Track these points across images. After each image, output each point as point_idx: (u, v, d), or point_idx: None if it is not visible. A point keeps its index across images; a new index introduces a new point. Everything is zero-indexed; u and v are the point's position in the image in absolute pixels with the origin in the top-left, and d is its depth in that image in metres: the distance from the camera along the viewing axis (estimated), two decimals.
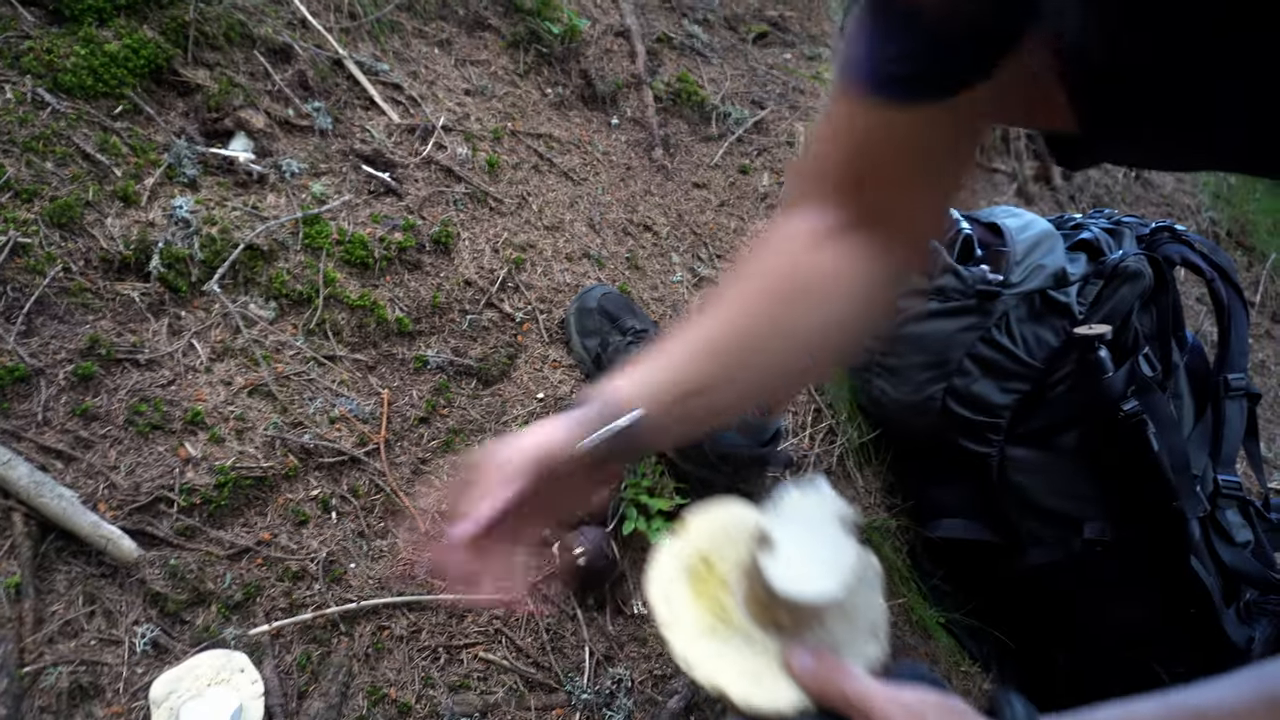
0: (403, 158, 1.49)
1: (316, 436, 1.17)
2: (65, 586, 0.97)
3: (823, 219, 0.78)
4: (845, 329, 0.81)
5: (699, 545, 0.68)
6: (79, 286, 1.12)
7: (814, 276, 0.77)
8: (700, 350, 0.77)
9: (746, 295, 0.79)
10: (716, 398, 0.77)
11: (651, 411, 0.73)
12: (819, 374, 0.84)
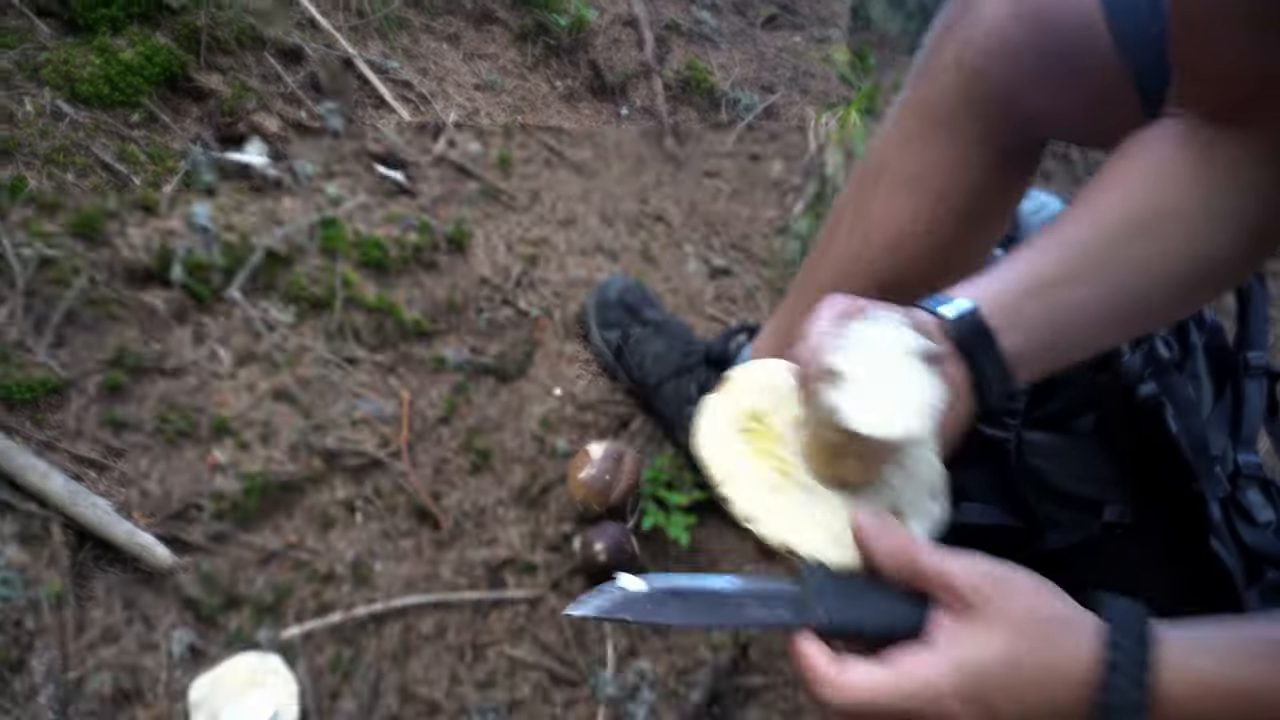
0: (415, 156, 1.50)
1: (339, 439, 1.19)
2: (104, 593, 0.99)
3: (1185, 121, 0.75)
4: (1215, 270, 0.77)
5: (748, 402, 0.64)
6: (105, 297, 1.14)
7: (1180, 206, 0.73)
8: (1059, 243, 0.73)
9: (1109, 199, 0.75)
10: (1083, 295, 0.72)
11: (992, 307, 0.69)
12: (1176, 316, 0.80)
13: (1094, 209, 0.77)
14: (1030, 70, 0.93)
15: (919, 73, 1.02)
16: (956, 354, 0.70)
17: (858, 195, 1.09)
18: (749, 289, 1.67)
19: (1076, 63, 0.91)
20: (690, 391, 1.32)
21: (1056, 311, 0.73)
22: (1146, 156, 0.78)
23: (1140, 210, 0.75)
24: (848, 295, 0.67)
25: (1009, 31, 0.93)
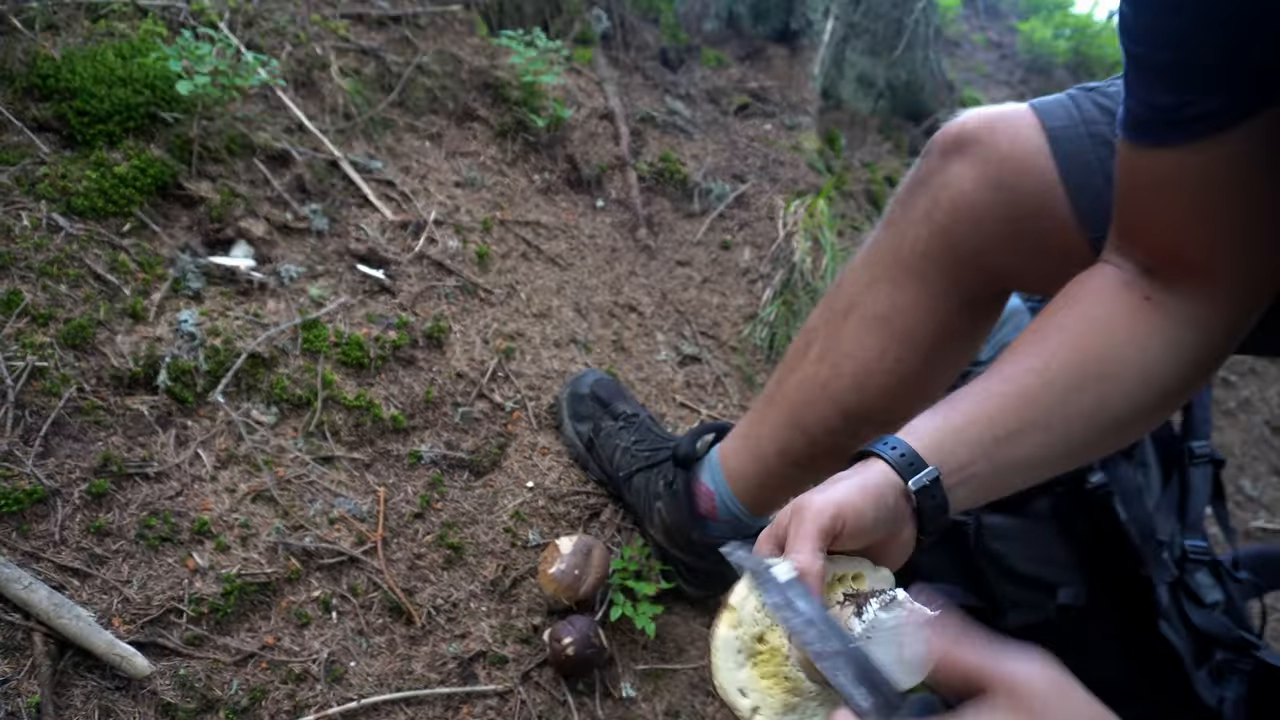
0: (396, 254, 1.56)
1: (317, 538, 1.24)
2: (81, 701, 1.03)
3: (1122, 270, 0.84)
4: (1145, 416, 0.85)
5: (749, 626, 0.70)
6: (92, 405, 1.19)
7: (1126, 353, 0.81)
8: (1006, 396, 0.81)
9: (1054, 350, 0.82)
10: (1031, 445, 0.80)
11: (949, 464, 0.77)
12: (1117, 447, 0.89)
13: (1043, 356, 0.84)
14: (993, 233, 1.01)
15: (890, 219, 1.10)
16: (911, 515, 0.79)
17: (828, 324, 1.16)
18: (718, 375, 1.73)
19: (1035, 227, 0.99)
20: (658, 486, 1.37)
21: (1000, 466, 0.82)
22: (1089, 304, 0.85)
23: (1084, 361, 0.83)
24: (828, 514, 0.72)
25: (974, 197, 1.00)
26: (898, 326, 1.09)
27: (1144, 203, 0.82)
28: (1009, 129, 1.01)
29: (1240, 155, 0.73)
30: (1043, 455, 0.83)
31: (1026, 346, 0.86)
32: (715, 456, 1.33)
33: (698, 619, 1.45)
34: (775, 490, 1.27)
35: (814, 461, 1.21)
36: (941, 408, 0.84)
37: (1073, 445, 0.85)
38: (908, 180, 1.10)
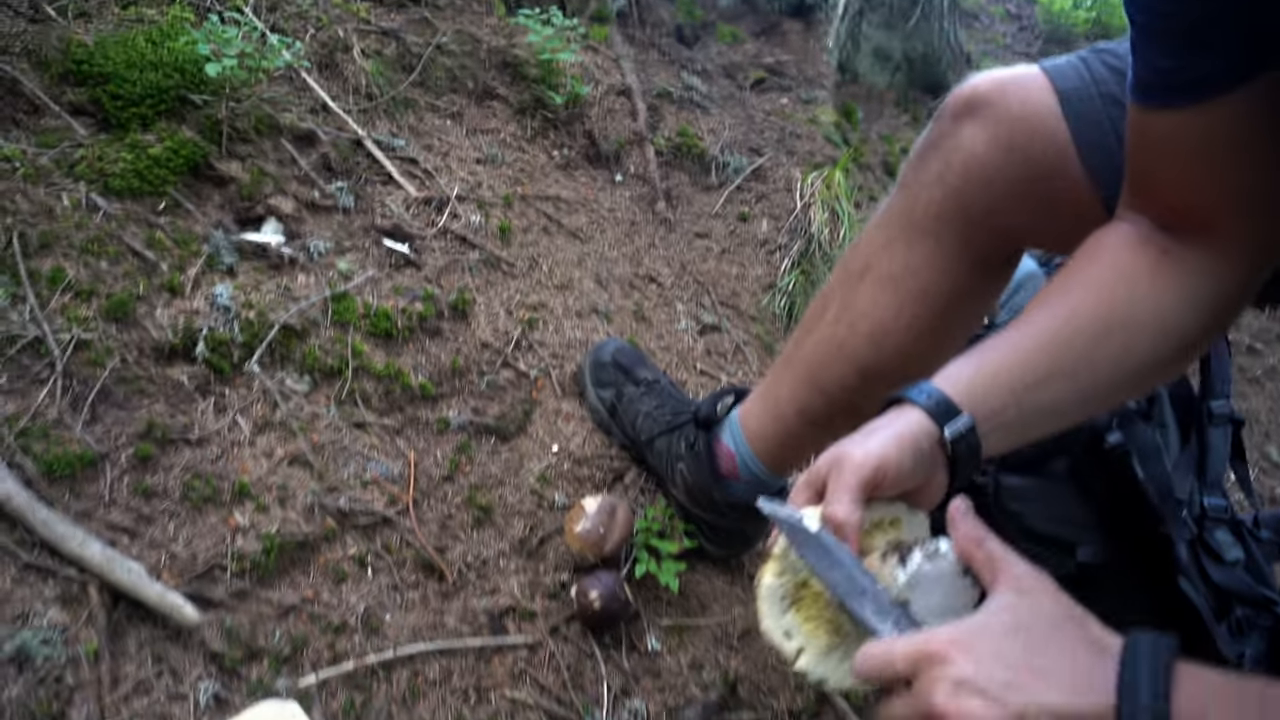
0: (420, 229, 1.61)
1: (351, 500, 1.28)
2: (136, 649, 1.09)
3: (1138, 226, 0.87)
4: (1163, 366, 0.88)
5: (792, 574, 0.74)
6: (134, 374, 1.25)
7: (1145, 305, 0.84)
8: (1037, 344, 0.84)
9: (1080, 300, 0.85)
10: (1061, 390, 0.83)
11: (982, 411, 0.80)
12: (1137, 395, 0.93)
13: (1070, 304, 0.87)
14: (1006, 193, 1.03)
15: (904, 182, 1.12)
16: (945, 463, 0.82)
17: (844, 285, 1.18)
18: (738, 344, 1.76)
19: (1048, 185, 1.01)
20: (680, 448, 1.40)
21: (1029, 414, 0.85)
22: (1109, 259, 0.88)
23: (1110, 310, 0.85)
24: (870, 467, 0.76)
25: (986, 158, 1.02)
26: (912, 286, 1.12)
27: (1153, 162, 0.84)
28: (1020, 91, 1.03)
29: (1242, 117, 0.75)
30: (1068, 402, 0.86)
31: (1052, 298, 0.88)
32: (735, 418, 1.36)
33: (720, 577, 1.48)
34: (794, 449, 1.31)
35: (832, 420, 1.24)
36: (973, 355, 0.87)
37: (1098, 392, 0.87)
38: (920, 144, 1.12)
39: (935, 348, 1.14)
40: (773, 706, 1.42)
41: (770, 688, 1.43)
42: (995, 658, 0.61)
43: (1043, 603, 0.64)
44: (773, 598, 0.75)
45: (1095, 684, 0.59)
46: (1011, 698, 0.59)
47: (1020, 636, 0.62)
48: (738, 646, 1.43)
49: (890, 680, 0.65)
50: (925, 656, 0.62)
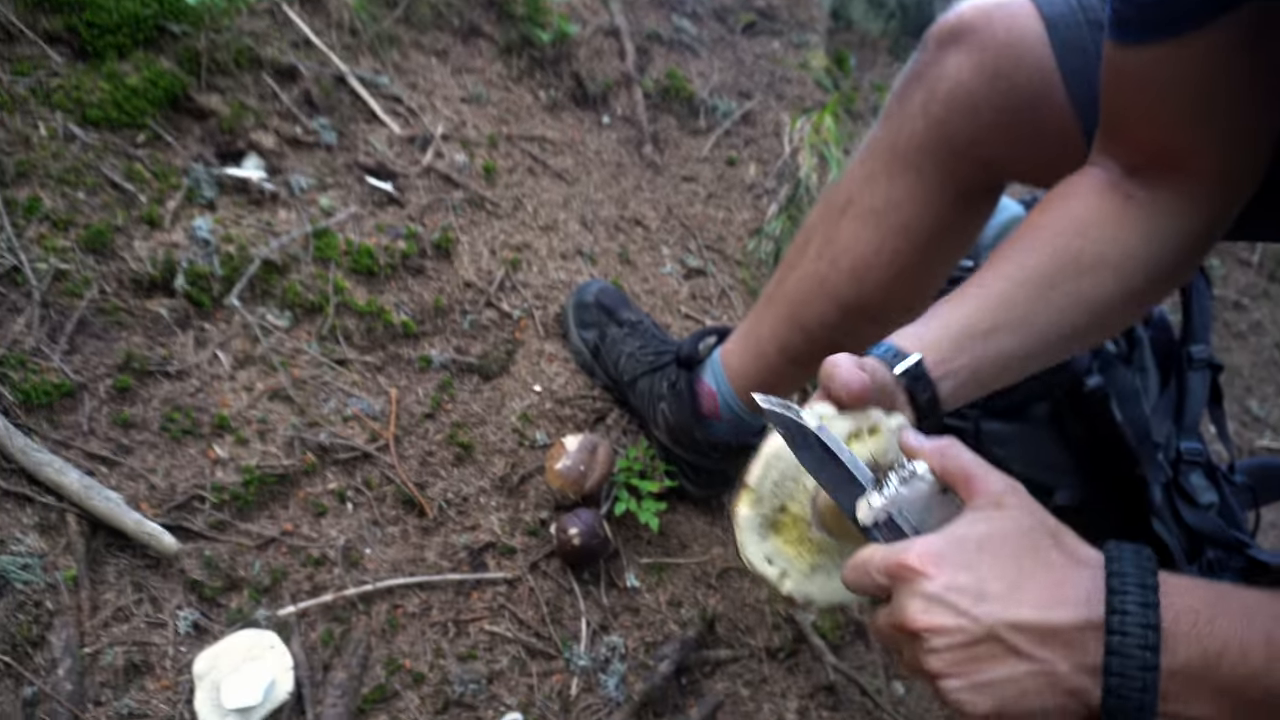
0: (404, 168, 1.59)
1: (331, 435, 1.29)
2: (115, 577, 1.10)
3: (1108, 171, 0.86)
4: (1132, 301, 0.88)
5: (769, 500, 0.74)
6: (113, 306, 1.24)
7: (1104, 249, 0.83)
8: (988, 295, 0.84)
9: (1034, 249, 0.85)
10: (1009, 341, 0.83)
11: (931, 357, 0.81)
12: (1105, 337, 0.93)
13: (1018, 259, 0.86)
14: (989, 123, 1.02)
15: (887, 114, 1.11)
16: (906, 401, 0.82)
17: (825, 221, 1.18)
18: (723, 289, 1.76)
19: (1032, 116, 1.00)
20: (661, 388, 1.41)
21: (981, 361, 0.84)
22: (1069, 206, 0.87)
23: (1059, 261, 0.85)
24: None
25: (970, 87, 1.01)
26: (894, 220, 1.11)
27: (1129, 100, 0.84)
28: (1006, 17, 1.02)
29: (1220, 50, 0.74)
30: (1024, 350, 0.85)
31: (1005, 252, 0.88)
32: (717, 357, 1.37)
33: (700, 517, 1.50)
34: (775, 388, 1.30)
35: (813, 358, 1.24)
36: (929, 314, 0.87)
37: (1050, 336, 0.86)
38: (904, 74, 1.11)
39: (916, 283, 1.14)
40: (750, 644, 1.44)
41: (748, 626, 1.45)
42: (968, 570, 0.60)
43: (1018, 516, 0.63)
44: (751, 527, 0.74)
45: (1070, 596, 0.59)
46: (983, 612, 0.59)
47: (994, 548, 0.61)
48: (716, 585, 1.45)
49: (873, 591, 0.65)
50: (899, 568, 0.62)
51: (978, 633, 0.59)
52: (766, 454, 0.73)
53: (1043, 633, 0.59)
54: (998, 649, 0.59)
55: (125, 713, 1.03)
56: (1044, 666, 0.58)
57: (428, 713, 1.18)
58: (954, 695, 0.59)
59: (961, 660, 0.59)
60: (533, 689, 1.24)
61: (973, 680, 0.59)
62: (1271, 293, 3.01)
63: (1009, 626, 0.59)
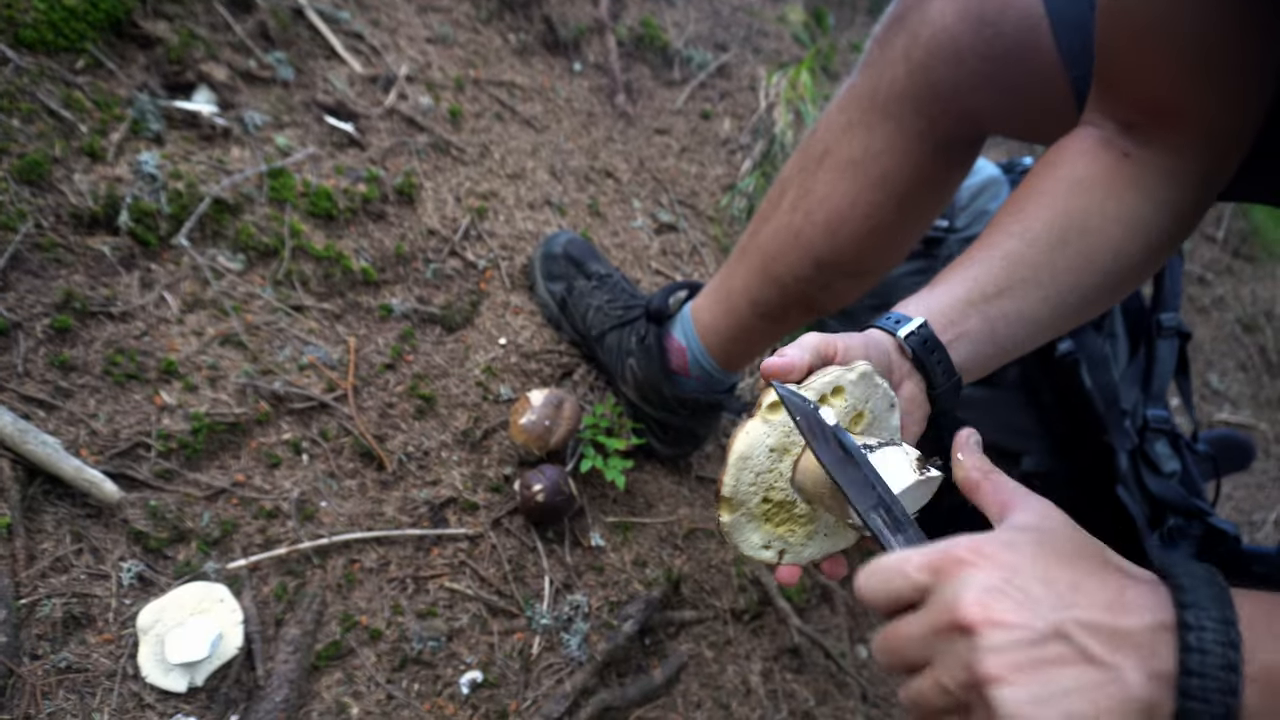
0: (365, 108, 1.52)
1: (286, 383, 1.23)
2: (53, 526, 1.04)
3: (1102, 129, 0.83)
4: (1133, 268, 0.84)
5: (750, 497, 0.72)
6: (51, 241, 1.17)
7: (1109, 206, 0.81)
8: (991, 257, 0.80)
9: (1041, 207, 0.82)
10: (1023, 301, 0.79)
11: (938, 320, 0.77)
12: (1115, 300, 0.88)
13: (1024, 220, 0.83)
14: (973, 71, 0.98)
15: (867, 60, 1.07)
16: (913, 369, 0.78)
17: (802, 172, 1.14)
18: (694, 245, 1.72)
19: (1018, 64, 0.96)
20: (630, 343, 1.37)
21: (996, 323, 0.80)
22: (1068, 166, 0.84)
23: (1067, 220, 0.82)
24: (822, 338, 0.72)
25: (954, 33, 0.97)
26: (872, 172, 1.08)
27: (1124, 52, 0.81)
28: None
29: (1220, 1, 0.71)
30: (1038, 310, 0.82)
31: (1007, 214, 0.85)
32: (687, 313, 1.33)
33: (668, 477, 1.47)
34: (746, 344, 1.28)
35: (786, 313, 1.21)
36: (927, 286, 0.84)
37: (1066, 298, 0.83)
38: (886, 19, 1.06)
39: (891, 238, 1.11)
40: (715, 606, 1.43)
41: (713, 587, 1.44)
42: (1025, 569, 0.54)
43: (1064, 529, 0.58)
44: (740, 529, 0.72)
45: (1135, 601, 0.53)
46: (1051, 606, 0.52)
47: (1047, 554, 0.55)
48: (683, 546, 1.43)
49: (902, 592, 0.57)
50: (949, 561, 0.55)
51: (1045, 630, 0.51)
52: (734, 460, 0.70)
53: (1114, 635, 0.51)
54: (1067, 651, 0.51)
55: (64, 666, 0.98)
56: (1116, 674, 0.51)
57: (385, 670, 1.14)
58: (1013, 708, 0.50)
59: (1026, 663, 0.51)
60: (493, 647, 1.21)
61: (1039, 689, 0.50)
62: (1235, 268, 3.04)
63: (1079, 625, 0.52)
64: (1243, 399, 2.80)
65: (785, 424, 0.69)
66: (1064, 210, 0.83)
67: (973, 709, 0.53)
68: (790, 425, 0.69)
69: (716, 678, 1.37)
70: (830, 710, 1.47)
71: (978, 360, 0.81)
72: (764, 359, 0.70)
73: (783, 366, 0.68)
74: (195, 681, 1.02)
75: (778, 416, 0.69)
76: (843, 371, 0.70)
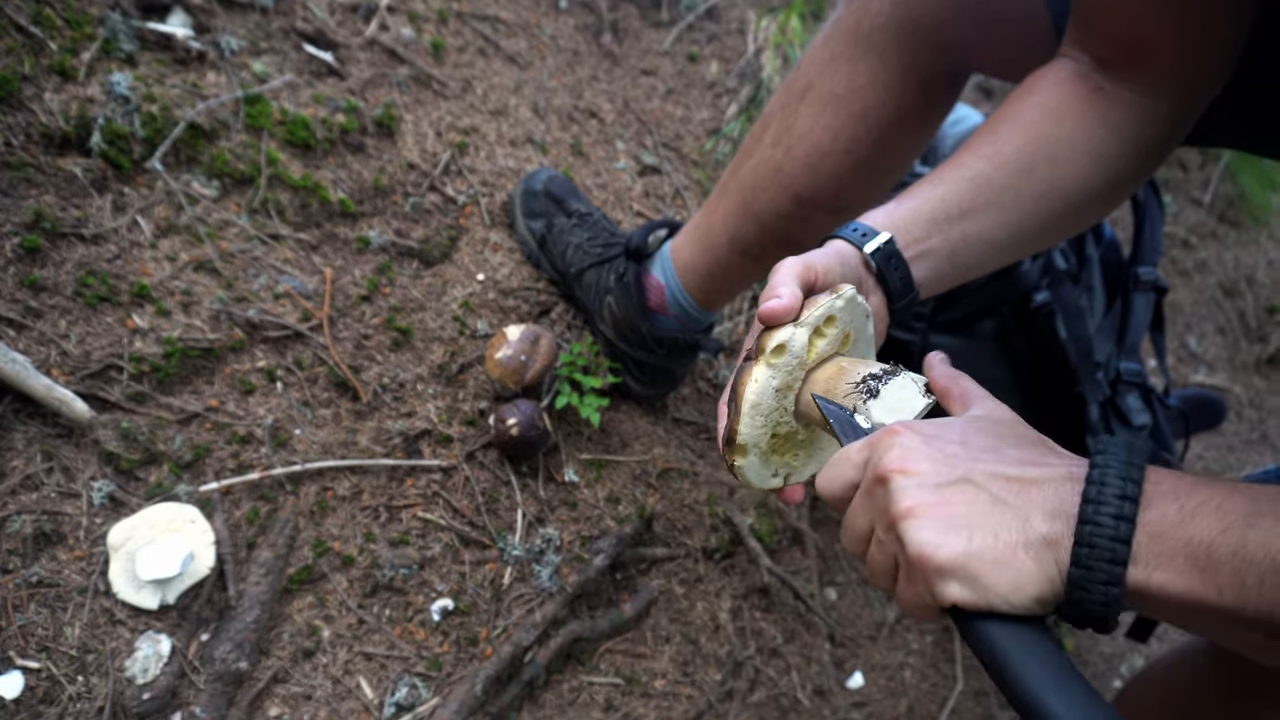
0: (345, 38, 1.49)
1: (261, 311, 1.23)
2: (24, 444, 1.04)
3: (1078, 63, 0.84)
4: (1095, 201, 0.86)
5: (761, 436, 0.74)
6: (20, 160, 1.15)
7: (1077, 136, 0.82)
8: (959, 177, 0.82)
9: (1003, 137, 0.83)
10: (985, 223, 0.82)
11: (903, 237, 0.79)
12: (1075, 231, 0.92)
13: (994, 144, 0.84)
14: (957, 5, 0.98)
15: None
16: (875, 281, 0.81)
17: (784, 107, 1.13)
18: (677, 188, 1.71)
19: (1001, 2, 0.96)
20: (609, 281, 1.37)
21: (956, 243, 0.83)
22: (1042, 95, 0.85)
23: (1035, 146, 0.83)
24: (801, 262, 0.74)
25: None
26: (854, 106, 1.07)
27: None
28: None
29: None
30: (997, 233, 0.85)
31: (979, 137, 0.87)
32: (667, 251, 1.33)
33: (643, 417, 1.48)
34: (724, 282, 1.28)
35: (764, 250, 1.21)
36: (898, 197, 0.86)
37: (1026, 224, 0.86)
38: None
39: (870, 174, 1.11)
40: (687, 544, 1.44)
41: (686, 526, 1.45)
42: (949, 436, 0.59)
43: (1010, 420, 0.63)
44: (753, 468, 0.76)
45: (1053, 462, 0.58)
46: (961, 459, 0.57)
47: (978, 428, 0.60)
48: (656, 485, 1.44)
49: (849, 475, 0.63)
50: (882, 434, 0.61)
51: (953, 476, 0.57)
52: (747, 410, 0.72)
53: (1022, 483, 0.56)
54: (971, 491, 0.56)
55: (35, 580, 0.99)
56: (1018, 512, 0.55)
57: (356, 595, 1.16)
58: (920, 536, 0.55)
59: (933, 501, 0.56)
60: (465, 576, 1.23)
61: (943, 517, 0.55)
62: (1219, 233, 3.05)
63: (987, 474, 0.57)
64: (1219, 362, 2.83)
65: (788, 364, 0.72)
66: (1034, 136, 0.84)
67: (898, 556, 0.58)
68: (793, 363, 0.72)
69: (686, 614, 1.40)
70: (797, 648, 1.50)
71: (935, 278, 0.84)
72: (758, 304, 0.72)
73: (783, 310, 0.71)
74: (167, 599, 1.03)
75: (780, 359, 0.72)
76: (832, 300, 0.73)
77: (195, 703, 1.01)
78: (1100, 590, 0.53)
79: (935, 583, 0.55)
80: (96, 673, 0.98)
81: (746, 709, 1.39)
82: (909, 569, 0.57)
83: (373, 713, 1.11)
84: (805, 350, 0.72)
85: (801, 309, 0.72)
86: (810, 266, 0.74)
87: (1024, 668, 0.53)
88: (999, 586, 0.54)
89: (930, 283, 0.84)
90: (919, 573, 0.56)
